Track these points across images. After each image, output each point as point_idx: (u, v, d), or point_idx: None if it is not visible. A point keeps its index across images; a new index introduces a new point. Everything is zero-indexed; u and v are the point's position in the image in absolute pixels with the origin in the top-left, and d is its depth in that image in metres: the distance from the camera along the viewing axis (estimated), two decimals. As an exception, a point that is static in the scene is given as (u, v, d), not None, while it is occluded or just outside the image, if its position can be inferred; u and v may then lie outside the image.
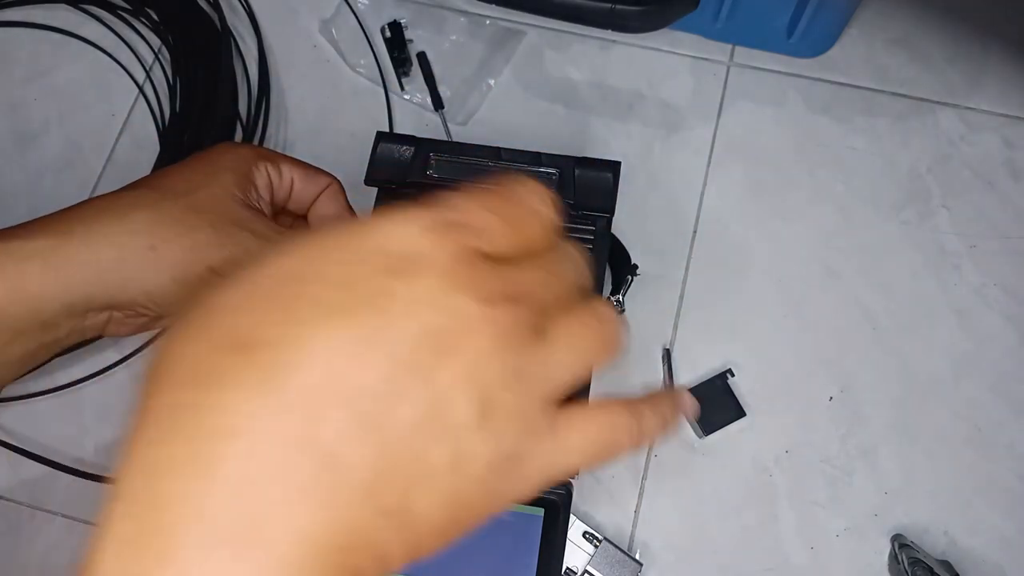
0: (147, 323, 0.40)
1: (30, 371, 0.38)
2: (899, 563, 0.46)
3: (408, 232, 0.21)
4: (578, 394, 0.25)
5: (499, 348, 0.21)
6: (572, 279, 0.24)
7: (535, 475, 0.23)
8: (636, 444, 0.25)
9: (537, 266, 0.23)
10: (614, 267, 0.51)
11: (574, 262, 0.25)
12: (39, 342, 0.36)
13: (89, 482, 0.51)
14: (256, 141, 0.58)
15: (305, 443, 0.19)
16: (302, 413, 0.19)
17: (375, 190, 0.46)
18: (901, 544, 0.47)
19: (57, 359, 0.53)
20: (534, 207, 0.24)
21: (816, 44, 0.58)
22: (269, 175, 0.41)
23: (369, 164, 0.46)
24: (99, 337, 0.39)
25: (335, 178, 0.43)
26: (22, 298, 0.35)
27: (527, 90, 0.59)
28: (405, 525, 0.21)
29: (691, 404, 0.28)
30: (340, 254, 0.21)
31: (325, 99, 0.60)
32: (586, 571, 0.46)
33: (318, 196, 0.43)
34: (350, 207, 0.44)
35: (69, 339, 0.37)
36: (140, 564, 0.18)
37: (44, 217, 0.37)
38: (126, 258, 0.36)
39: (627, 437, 0.25)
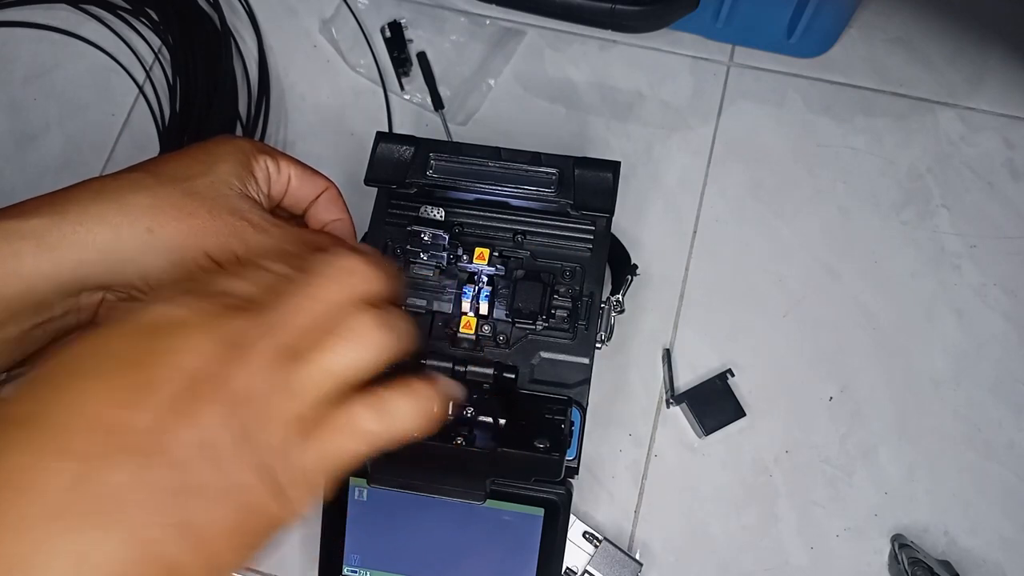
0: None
1: (29, 354, 0.38)
2: (899, 563, 0.46)
3: (165, 306, 0.27)
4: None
5: (249, 376, 0.26)
6: (330, 296, 0.28)
7: (311, 467, 0.27)
8: (381, 438, 0.29)
9: (285, 299, 0.28)
10: (614, 267, 0.51)
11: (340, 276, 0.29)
12: (34, 322, 0.36)
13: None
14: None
15: (81, 481, 0.24)
16: (75, 458, 0.24)
17: (375, 190, 0.46)
18: (901, 544, 0.47)
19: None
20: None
21: (816, 44, 0.58)
22: (268, 168, 0.41)
23: (369, 164, 0.46)
24: (92, 322, 0.39)
25: (332, 182, 0.43)
26: (16, 278, 0.35)
27: (527, 90, 0.59)
28: (192, 534, 0.25)
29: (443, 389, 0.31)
30: (107, 339, 0.27)
31: (325, 99, 0.60)
32: (586, 571, 0.46)
33: (316, 199, 0.43)
34: (348, 211, 0.44)
35: (65, 320, 0.37)
36: None
37: (39, 197, 0.37)
38: (122, 239, 0.36)
39: (371, 434, 0.28)
